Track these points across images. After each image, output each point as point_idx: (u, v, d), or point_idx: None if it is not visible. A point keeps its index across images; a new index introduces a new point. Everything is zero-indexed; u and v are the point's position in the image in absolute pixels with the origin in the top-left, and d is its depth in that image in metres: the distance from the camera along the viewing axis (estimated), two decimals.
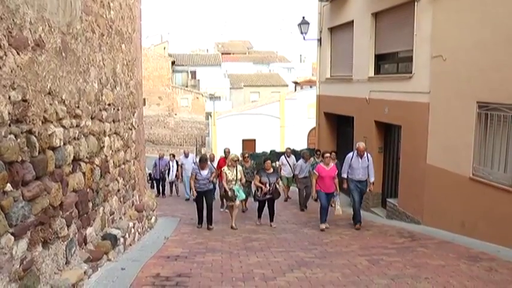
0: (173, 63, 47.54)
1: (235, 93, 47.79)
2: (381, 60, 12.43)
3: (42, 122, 3.62)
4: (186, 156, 15.76)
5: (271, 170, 10.34)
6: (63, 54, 4.11)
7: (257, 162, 13.33)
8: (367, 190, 9.74)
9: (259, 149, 30.57)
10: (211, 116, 37.42)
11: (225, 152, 13.00)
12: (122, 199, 6.56)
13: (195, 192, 9.44)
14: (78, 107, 4.52)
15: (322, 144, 16.34)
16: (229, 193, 9.46)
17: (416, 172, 9.84)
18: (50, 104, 3.78)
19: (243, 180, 9.99)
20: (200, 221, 9.45)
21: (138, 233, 7.11)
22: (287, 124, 35.03)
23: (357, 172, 9.49)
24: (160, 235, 7.88)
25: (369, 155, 9.67)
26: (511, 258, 6.26)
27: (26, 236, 3.39)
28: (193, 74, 50.23)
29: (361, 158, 9.49)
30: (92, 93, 5.03)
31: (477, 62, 7.91)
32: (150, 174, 20.60)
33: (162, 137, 44.03)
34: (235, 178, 9.61)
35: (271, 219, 9.96)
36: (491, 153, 7.77)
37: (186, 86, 48.41)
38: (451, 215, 8.70)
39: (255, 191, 10.40)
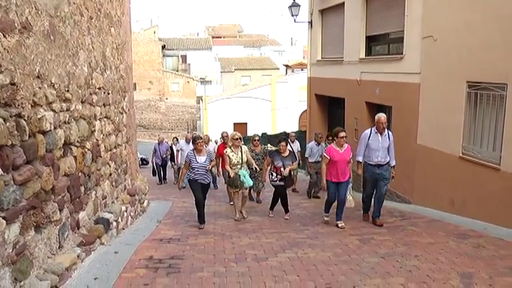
0: (163, 47, 47.19)
1: (226, 77, 47.57)
2: (372, 41, 12.42)
3: (32, 106, 3.60)
4: (188, 142, 13.21)
5: (287, 152, 8.66)
6: (52, 37, 4.07)
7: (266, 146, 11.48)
8: (391, 177, 7.78)
9: (250, 133, 30.58)
10: (202, 100, 37.33)
11: (223, 136, 11.47)
12: (114, 183, 6.56)
13: (181, 183, 8.11)
14: (68, 90, 4.50)
15: (314, 126, 16.38)
16: (234, 179, 8.12)
17: (407, 152, 9.92)
18: (39, 88, 3.76)
19: (252, 162, 8.51)
20: (202, 219, 7.64)
21: (131, 217, 7.14)
22: (278, 107, 35.03)
23: (376, 154, 7.56)
24: (153, 218, 7.91)
25: (389, 132, 7.82)
26: (498, 234, 6.38)
27: (18, 220, 3.40)
28: (184, 58, 49.91)
29: (381, 135, 7.58)
30: (81, 76, 5.00)
31: (467, 42, 7.93)
32: (142, 160, 20.53)
33: (153, 122, 43.89)
34: (240, 161, 8.16)
35: (286, 210, 8.54)
36: (481, 132, 7.84)
37: (177, 71, 48.17)
38: (440, 194, 8.80)
39: (269, 175, 8.88)
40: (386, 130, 7.64)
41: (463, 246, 5.86)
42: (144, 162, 21.63)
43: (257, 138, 10.50)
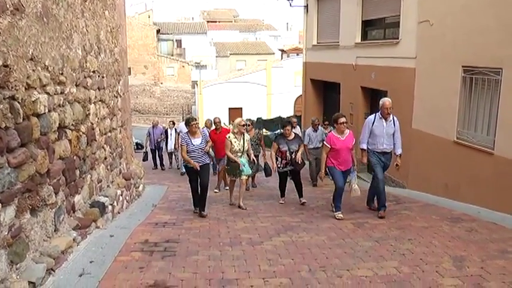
0: (158, 31, 46.83)
1: (222, 62, 47.30)
2: (367, 26, 12.37)
3: (26, 88, 3.58)
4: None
5: (292, 135, 8.37)
6: (45, 19, 4.02)
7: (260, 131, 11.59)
8: (395, 165, 7.22)
9: (245, 117, 30.53)
10: (197, 85, 37.14)
11: (215, 122, 10.72)
12: (109, 167, 6.56)
13: (195, 164, 7.17)
14: (62, 73, 4.47)
15: (309, 111, 16.38)
16: (233, 166, 7.86)
17: (402, 137, 9.93)
18: (33, 70, 3.73)
19: (251, 153, 8.15)
20: (197, 204, 7.43)
21: (126, 201, 7.15)
22: (274, 92, 34.92)
23: (380, 141, 7.08)
24: (148, 203, 7.93)
25: (395, 117, 7.29)
26: (491, 218, 6.44)
27: (14, 203, 3.39)
28: (179, 42, 49.55)
29: (385, 120, 7.10)
30: (75, 59, 4.96)
31: (463, 26, 7.92)
32: (137, 144, 20.43)
33: (148, 106, 43.73)
34: (241, 149, 7.87)
35: (300, 195, 8.33)
36: (475, 116, 7.88)
37: (172, 55, 47.88)
38: (435, 178, 8.86)
39: (264, 164, 8.96)
40: (391, 116, 7.13)
41: (456, 230, 5.92)
42: (139, 146, 21.54)
43: (249, 123, 10.01)
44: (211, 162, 8.96)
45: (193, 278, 4.28)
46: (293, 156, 8.14)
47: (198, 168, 7.15)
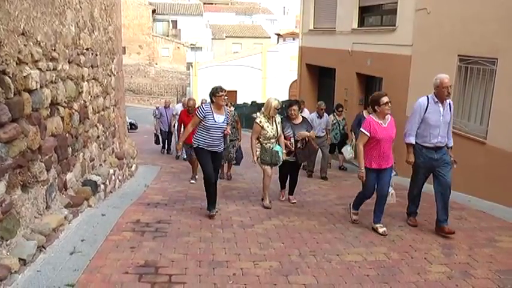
0: (154, 11, 46.41)
1: (217, 44, 47.00)
2: (365, 12, 12.30)
3: (17, 63, 3.52)
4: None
5: (300, 119, 6.93)
6: None
7: (239, 113, 10.72)
8: (453, 161, 5.49)
9: (240, 100, 30.51)
10: (192, 67, 36.96)
11: (188, 105, 9.09)
12: (101, 146, 6.53)
13: (180, 144, 6.44)
14: (54, 49, 4.40)
15: (304, 95, 16.33)
16: (272, 154, 6.46)
17: (396, 125, 9.93)
18: (25, 45, 3.66)
19: (282, 137, 6.63)
20: (212, 201, 5.98)
21: (119, 181, 7.13)
22: (269, 76, 34.85)
23: (435, 132, 5.30)
24: (141, 183, 7.92)
25: (451, 101, 5.55)
26: (480, 207, 6.51)
27: (4, 178, 3.37)
28: (174, 23, 49.12)
29: (442, 104, 5.34)
30: (68, 36, 4.89)
31: (460, 15, 7.89)
32: (131, 124, 20.25)
33: (142, 86, 43.49)
34: (276, 134, 6.49)
35: (291, 191, 7.15)
36: (469, 106, 7.90)
37: (167, 36, 47.51)
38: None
39: (236, 149, 8.36)
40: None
41: None
42: (132, 126, 21.47)
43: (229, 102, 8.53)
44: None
45: (183, 259, 4.30)
46: (299, 145, 6.73)
47: (179, 153, 5.78)
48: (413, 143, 5.45)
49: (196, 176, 8.61)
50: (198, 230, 5.29)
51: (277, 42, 41.94)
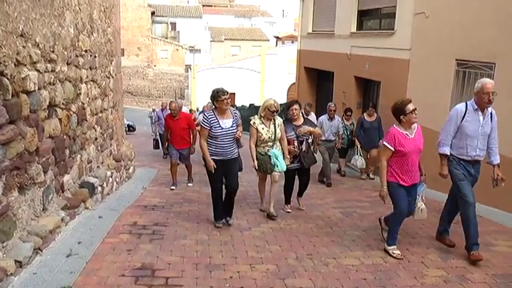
0: (153, 13, 46.43)
1: (216, 47, 47.03)
2: (363, 16, 12.32)
3: (15, 65, 3.52)
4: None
5: (301, 120, 6.49)
6: None
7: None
8: (496, 180, 4.92)
9: (238, 103, 30.52)
10: (191, 69, 37.00)
11: (171, 108, 8.34)
12: (99, 148, 6.52)
13: (211, 161, 5.37)
14: (53, 51, 4.40)
15: (302, 99, 16.33)
16: (263, 160, 5.99)
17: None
18: (23, 47, 3.67)
19: (284, 138, 6.17)
20: (218, 215, 5.66)
21: (116, 183, 7.12)
22: (267, 79, 34.88)
23: (473, 144, 4.78)
24: (138, 185, 7.91)
25: (493, 110, 4.91)
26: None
27: (1, 180, 3.36)
28: (173, 25, 49.15)
29: (482, 113, 4.78)
30: (67, 38, 4.90)
31: (458, 20, 7.90)
32: (129, 126, 20.29)
33: (140, 88, 43.52)
34: (272, 137, 6.00)
35: (300, 193, 6.72)
36: None
37: (166, 38, 47.50)
38: (425, 170, 8.88)
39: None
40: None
41: None
42: (130, 128, 21.45)
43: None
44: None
45: (180, 262, 4.29)
46: (303, 148, 6.33)
47: (213, 170, 5.37)
48: (448, 153, 4.95)
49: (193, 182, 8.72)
50: (195, 232, 5.29)
51: (276, 45, 41.96)
